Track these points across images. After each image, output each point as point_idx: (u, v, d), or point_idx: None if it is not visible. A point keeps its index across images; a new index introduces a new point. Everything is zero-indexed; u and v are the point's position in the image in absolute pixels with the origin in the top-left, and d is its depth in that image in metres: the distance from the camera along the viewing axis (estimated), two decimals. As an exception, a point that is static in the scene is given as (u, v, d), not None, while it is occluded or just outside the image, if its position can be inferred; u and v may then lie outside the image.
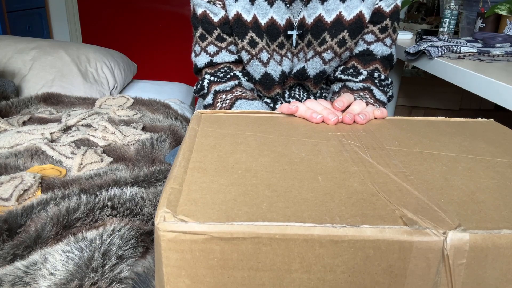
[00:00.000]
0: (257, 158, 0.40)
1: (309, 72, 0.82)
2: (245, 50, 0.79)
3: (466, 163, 0.41)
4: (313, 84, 0.86)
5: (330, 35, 0.78)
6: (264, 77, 0.82)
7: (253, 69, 0.81)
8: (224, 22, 0.80)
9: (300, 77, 0.83)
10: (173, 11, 2.90)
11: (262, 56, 0.79)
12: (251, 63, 0.81)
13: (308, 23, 0.78)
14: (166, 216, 0.29)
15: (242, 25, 0.77)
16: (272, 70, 0.81)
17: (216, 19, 0.80)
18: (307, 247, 0.29)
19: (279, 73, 0.82)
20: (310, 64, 0.81)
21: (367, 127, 0.51)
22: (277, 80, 0.82)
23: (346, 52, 0.81)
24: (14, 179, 0.83)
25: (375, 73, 0.83)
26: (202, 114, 0.53)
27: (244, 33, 0.78)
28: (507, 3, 1.20)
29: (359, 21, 0.77)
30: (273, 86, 0.83)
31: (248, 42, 0.78)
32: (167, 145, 1.09)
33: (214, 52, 0.83)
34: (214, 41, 0.82)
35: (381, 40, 0.82)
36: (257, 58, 0.79)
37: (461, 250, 0.29)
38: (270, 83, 0.83)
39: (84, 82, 1.53)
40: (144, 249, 0.68)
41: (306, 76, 0.83)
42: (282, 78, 0.82)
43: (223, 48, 0.82)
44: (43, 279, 0.59)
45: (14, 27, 2.41)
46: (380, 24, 0.81)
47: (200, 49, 0.84)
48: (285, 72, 0.82)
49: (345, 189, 0.35)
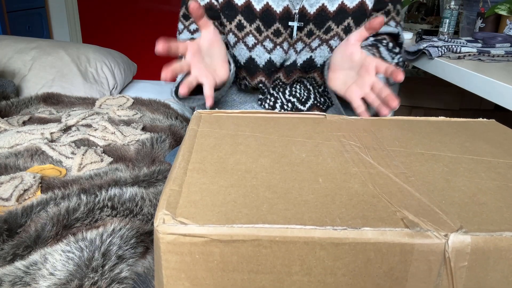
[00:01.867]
0: (257, 159, 0.40)
1: (317, 61, 0.83)
2: (232, 32, 0.81)
3: (468, 164, 0.41)
4: (319, 74, 0.86)
5: (335, 23, 0.80)
6: (249, 62, 0.83)
7: (238, 52, 0.83)
8: (209, 8, 0.82)
9: (307, 68, 0.84)
10: (173, 11, 2.90)
11: (247, 40, 0.81)
12: (237, 47, 0.82)
13: (310, 13, 0.79)
14: (166, 218, 0.29)
15: (232, 8, 0.79)
16: (256, 55, 0.82)
17: (202, 3, 0.82)
18: (308, 249, 0.29)
19: (264, 60, 0.82)
20: (317, 53, 0.82)
21: (367, 127, 0.51)
22: (261, 67, 0.82)
23: None
24: (14, 179, 0.83)
25: (384, 40, 0.85)
26: (202, 114, 0.53)
27: (233, 16, 0.79)
28: (507, 3, 1.20)
29: (361, 8, 0.80)
30: (256, 73, 0.84)
31: (235, 25, 0.80)
32: (167, 145, 1.09)
33: (194, 30, 0.85)
34: (193, 23, 0.84)
35: (386, 23, 0.85)
36: (242, 42, 0.81)
37: (462, 253, 0.29)
38: (253, 69, 0.83)
39: (84, 82, 1.53)
40: (144, 249, 0.68)
41: (314, 66, 0.83)
42: (268, 66, 0.82)
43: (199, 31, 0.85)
44: (43, 279, 0.59)
45: (14, 27, 2.41)
46: (383, 9, 0.84)
47: (183, 27, 0.86)
48: (273, 61, 0.82)
49: (346, 191, 0.34)
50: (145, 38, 2.98)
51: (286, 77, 0.86)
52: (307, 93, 0.89)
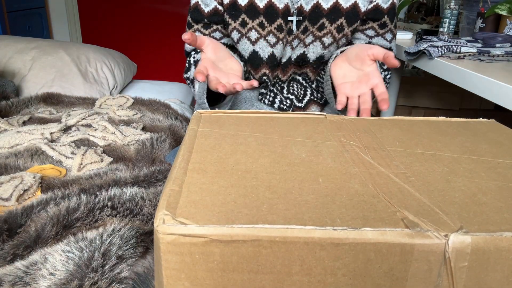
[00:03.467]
0: (257, 159, 0.40)
1: (309, 56, 0.88)
2: (236, 29, 0.85)
3: (468, 164, 0.41)
4: (312, 70, 0.91)
5: (329, 21, 0.84)
6: (252, 55, 0.87)
7: (242, 47, 0.87)
8: (214, 13, 0.86)
9: (300, 62, 0.88)
10: (173, 11, 2.90)
11: (250, 35, 0.85)
12: (241, 42, 0.87)
13: (306, 10, 0.84)
14: (166, 219, 0.29)
15: (237, 9, 0.84)
16: (260, 49, 0.86)
17: (207, 10, 0.86)
18: (308, 249, 0.29)
19: (268, 54, 0.86)
20: (310, 49, 0.87)
21: (367, 127, 0.51)
22: (265, 59, 0.87)
23: (343, 38, 0.87)
24: (14, 179, 0.83)
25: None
26: (202, 114, 0.53)
27: (238, 15, 0.84)
28: (507, 3, 1.20)
29: (354, 10, 0.84)
30: (260, 65, 0.88)
31: (239, 23, 0.85)
32: (167, 145, 1.09)
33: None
34: (200, 28, 0.89)
35: (381, 35, 0.89)
36: (246, 37, 0.85)
37: (463, 253, 0.29)
38: (257, 62, 0.88)
39: (84, 82, 1.53)
40: (144, 249, 0.68)
41: (307, 61, 0.88)
42: (271, 59, 0.87)
43: (206, 35, 0.89)
44: (43, 279, 0.59)
45: (14, 27, 2.41)
46: (379, 21, 0.88)
47: None
48: (275, 55, 0.87)
49: (346, 191, 0.34)
50: (145, 38, 2.98)
51: (282, 74, 0.90)
52: (303, 91, 0.93)
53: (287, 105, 0.91)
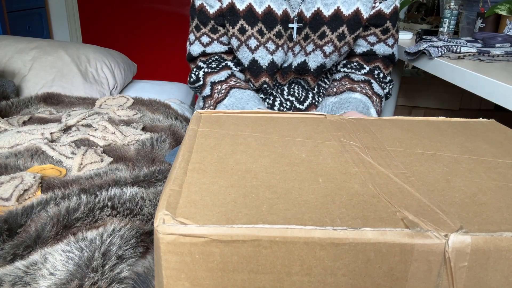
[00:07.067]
0: (257, 159, 0.40)
1: (310, 65, 0.86)
2: (235, 36, 0.84)
3: (468, 164, 0.41)
4: (312, 78, 0.89)
5: (330, 29, 0.82)
6: (252, 63, 0.86)
7: (242, 55, 0.86)
8: (219, 14, 0.85)
9: (301, 71, 0.87)
10: (173, 11, 2.90)
11: (250, 43, 0.83)
12: (240, 49, 0.85)
13: (307, 17, 0.82)
14: (166, 219, 0.29)
15: (234, 13, 0.82)
16: (259, 57, 0.85)
17: (212, 11, 0.85)
18: (308, 249, 0.29)
19: (267, 62, 0.85)
20: (311, 57, 0.85)
21: (367, 127, 0.51)
22: (265, 68, 0.86)
23: (345, 46, 0.85)
24: (14, 179, 0.83)
25: (376, 70, 0.89)
26: (202, 114, 0.53)
27: (236, 21, 0.83)
28: (507, 3, 1.20)
29: (356, 17, 0.82)
30: (260, 74, 0.87)
31: (238, 29, 0.83)
32: (167, 145, 1.09)
33: (207, 43, 0.89)
34: (207, 32, 0.88)
35: (383, 40, 0.88)
36: (245, 45, 0.84)
37: (462, 253, 0.29)
38: (257, 70, 0.86)
39: (84, 82, 1.53)
40: (144, 249, 0.68)
41: (307, 70, 0.87)
42: (271, 67, 0.86)
43: (215, 39, 0.88)
44: (43, 279, 0.59)
45: (14, 27, 2.41)
46: (382, 26, 0.86)
47: (195, 38, 0.90)
48: (275, 62, 0.85)
49: (346, 191, 0.34)
50: (145, 38, 2.98)
51: (282, 78, 0.89)
52: (305, 93, 0.91)
53: (287, 108, 0.90)
